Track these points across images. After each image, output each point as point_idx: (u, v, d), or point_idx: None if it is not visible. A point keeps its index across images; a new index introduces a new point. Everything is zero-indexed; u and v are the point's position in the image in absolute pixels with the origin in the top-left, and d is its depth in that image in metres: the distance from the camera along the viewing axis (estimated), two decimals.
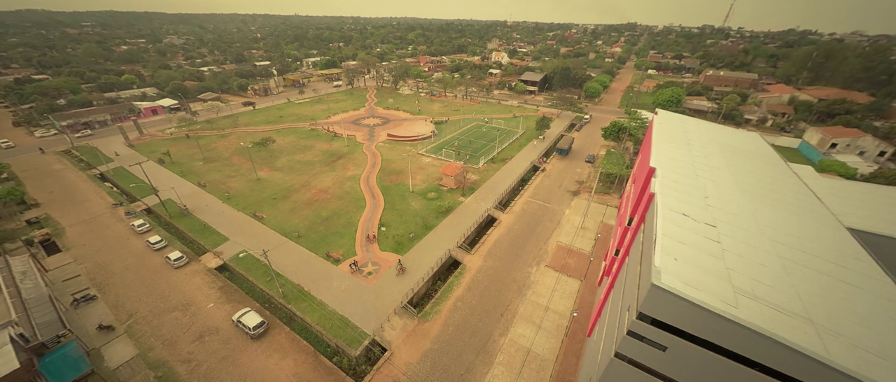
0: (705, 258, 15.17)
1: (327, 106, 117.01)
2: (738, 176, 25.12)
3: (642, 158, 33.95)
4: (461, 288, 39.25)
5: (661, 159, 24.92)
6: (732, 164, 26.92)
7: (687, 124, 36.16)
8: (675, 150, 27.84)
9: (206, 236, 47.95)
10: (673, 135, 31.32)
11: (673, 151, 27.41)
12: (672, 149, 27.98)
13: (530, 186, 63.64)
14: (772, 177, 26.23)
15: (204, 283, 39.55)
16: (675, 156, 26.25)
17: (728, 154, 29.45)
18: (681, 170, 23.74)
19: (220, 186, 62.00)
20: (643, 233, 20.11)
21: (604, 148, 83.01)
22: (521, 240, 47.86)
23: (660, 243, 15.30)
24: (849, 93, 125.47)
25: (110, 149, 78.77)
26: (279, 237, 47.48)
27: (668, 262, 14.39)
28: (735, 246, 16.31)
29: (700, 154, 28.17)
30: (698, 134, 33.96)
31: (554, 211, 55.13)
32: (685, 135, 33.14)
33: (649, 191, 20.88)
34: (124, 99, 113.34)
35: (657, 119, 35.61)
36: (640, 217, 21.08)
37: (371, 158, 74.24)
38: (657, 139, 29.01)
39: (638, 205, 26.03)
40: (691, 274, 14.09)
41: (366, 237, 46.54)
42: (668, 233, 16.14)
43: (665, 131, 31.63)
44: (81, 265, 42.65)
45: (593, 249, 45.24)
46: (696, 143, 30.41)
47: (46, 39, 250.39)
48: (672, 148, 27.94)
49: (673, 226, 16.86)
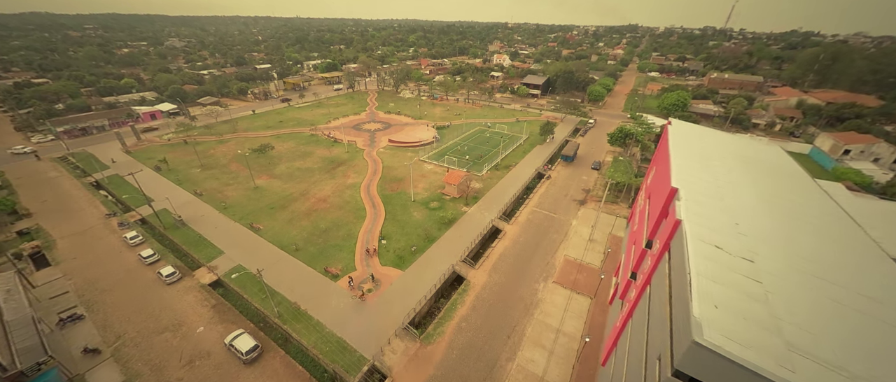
0: (748, 303, 13.39)
1: (327, 110, 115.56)
2: (765, 195, 23.30)
3: (657, 170, 32.17)
4: (465, 306, 37.45)
5: (683, 178, 23.11)
6: (757, 182, 25.11)
7: (703, 135, 34.36)
8: (696, 167, 26.04)
9: (201, 249, 46.31)
10: (690, 148, 29.51)
11: (693, 168, 25.61)
12: (692, 164, 26.18)
13: (535, 195, 61.85)
14: (800, 196, 24.42)
15: (196, 301, 37.87)
16: (697, 173, 24.46)
17: (751, 169, 27.63)
18: (705, 191, 21.94)
19: (217, 195, 60.43)
20: (668, 264, 18.34)
21: (610, 154, 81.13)
22: (527, 254, 46.05)
23: (695, 285, 13.53)
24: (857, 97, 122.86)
25: (107, 156, 77.41)
26: (276, 250, 45.79)
27: (707, 311, 12.62)
28: (778, 287, 14.53)
29: (721, 170, 26.35)
30: (717, 146, 32.14)
31: (560, 222, 53.31)
32: (703, 147, 31.34)
33: (673, 215, 19.08)
34: (123, 103, 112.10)
35: (672, 129, 33.81)
36: (663, 244, 19.30)
37: (372, 165, 72.59)
38: (675, 153, 27.20)
39: (657, 227, 24.25)
40: (735, 326, 12.33)
41: (366, 250, 44.79)
42: (702, 272, 14.37)
43: (682, 143, 29.82)
44: (71, 280, 41.05)
45: (603, 264, 43.38)
46: (715, 157, 28.59)
47: (49, 42, 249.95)
48: (692, 163, 26.14)
49: (707, 263, 15.08)
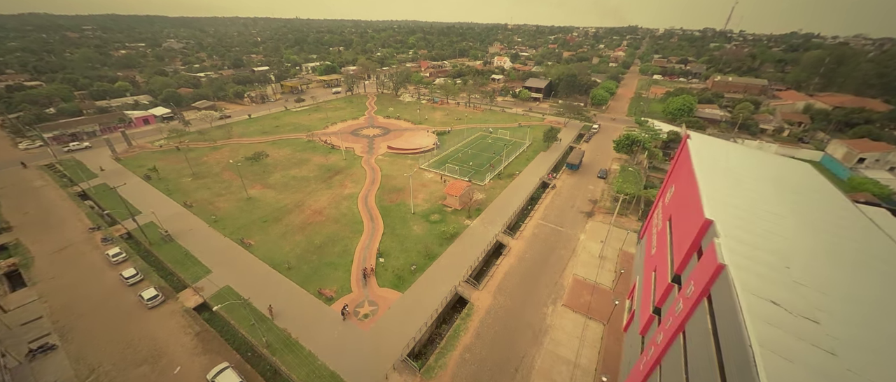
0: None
1: (325, 114, 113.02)
2: (810, 228, 20.77)
3: (678, 189, 29.60)
4: (469, 333, 34.82)
5: (716, 206, 20.55)
6: (798, 211, 22.57)
7: (727, 151, 31.82)
8: (727, 191, 23.48)
9: (188, 267, 43.64)
10: (716, 167, 26.95)
11: (725, 193, 23.06)
12: (722, 188, 23.63)
13: (540, 206, 59.27)
14: (847, 228, 21.90)
15: (179, 328, 35.20)
16: (730, 200, 21.92)
17: (787, 194, 25.10)
18: (744, 224, 19.40)
19: (207, 206, 57.78)
20: (711, 317, 15.79)
21: (616, 161, 78.62)
22: (533, 272, 43.45)
23: (762, 365, 11.00)
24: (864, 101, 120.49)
25: (96, 163, 74.77)
26: (267, 269, 43.11)
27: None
28: (856, 360, 12.04)
29: (756, 196, 23.80)
30: (745, 165, 29.60)
31: (568, 237, 50.73)
32: (730, 166, 28.81)
33: (713, 257, 16.50)
34: (115, 107, 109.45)
35: (692, 145, 31.24)
36: (701, 289, 16.74)
37: (370, 173, 69.99)
38: (701, 174, 24.65)
39: (686, 261, 21.66)
40: None
41: (362, 270, 42.11)
42: (766, 342, 11.85)
43: (706, 162, 27.26)
44: (46, 303, 38.38)
45: (615, 284, 40.76)
46: (746, 179, 26.05)
47: (46, 43, 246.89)
48: (722, 187, 23.60)
49: (767, 328, 12.54)
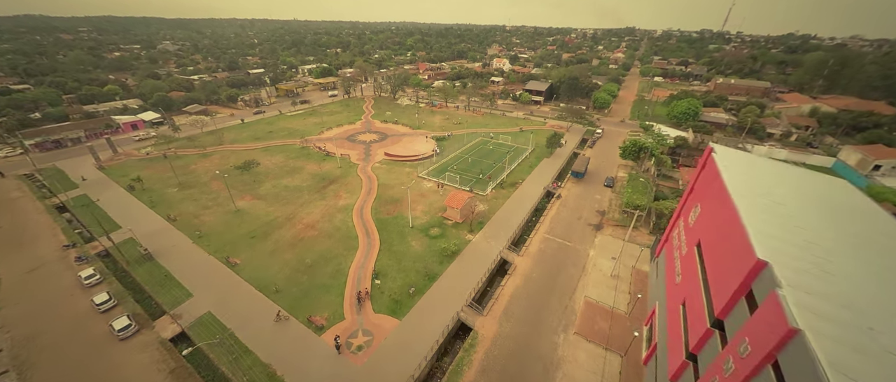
0: None
1: (321, 119, 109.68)
2: (878, 268, 17.74)
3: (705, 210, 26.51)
4: (473, 368, 31.57)
5: (769, 244, 17.46)
6: (858, 245, 19.54)
7: (758, 167, 28.77)
8: (777, 224, 20.36)
9: (167, 291, 40.23)
10: (754, 191, 23.88)
11: (775, 226, 19.94)
12: (770, 220, 20.54)
13: (546, 218, 56.13)
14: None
15: (152, 363, 31.79)
16: (781, 234, 18.85)
17: (837, 219, 22.09)
18: (805, 267, 16.33)
19: (192, 220, 54.35)
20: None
21: (622, 168, 75.67)
22: (541, 294, 40.26)
23: None
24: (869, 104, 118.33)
25: (79, 172, 71.22)
26: (252, 292, 39.74)
27: None
28: None
29: (806, 225, 20.73)
30: (782, 184, 26.55)
31: (577, 253, 47.59)
32: (767, 187, 25.75)
33: (780, 316, 13.39)
34: (103, 112, 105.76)
35: (719, 160, 28.17)
36: (764, 354, 13.65)
37: (366, 183, 66.70)
38: (739, 199, 21.60)
39: (731, 304, 18.49)
40: None
41: (357, 293, 38.80)
42: None
43: (741, 184, 24.20)
44: (8, 333, 34.88)
45: (631, 309, 37.61)
46: (790, 205, 22.97)
47: (39, 45, 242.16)
48: (769, 217, 20.51)
49: None
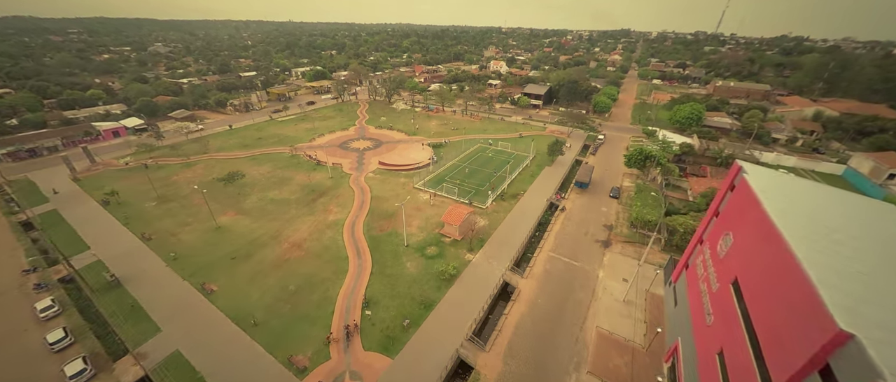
0: None
1: (313, 124, 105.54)
2: None
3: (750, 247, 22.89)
4: None
5: (846, 304, 13.94)
6: None
7: (801, 195, 25.32)
8: (837, 266, 16.91)
9: (133, 323, 36.06)
10: (809, 230, 20.31)
11: (834, 269, 16.52)
12: (830, 263, 17.07)
13: (550, 234, 52.54)
14: None
15: None
16: (860, 292, 15.32)
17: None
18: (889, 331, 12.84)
19: (169, 239, 50.15)
20: None
21: (627, 177, 72.39)
22: (549, 324, 36.59)
23: None
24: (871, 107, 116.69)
25: (51, 184, 66.65)
26: (228, 325, 35.68)
27: None
28: None
29: (863, 264, 17.36)
30: (829, 213, 23.14)
31: (585, 274, 44.01)
32: (814, 215, 22.32)
33: None
34: (83, 118, 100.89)
35: (755, 183, 24.67)
36: None
37: (358, 195, 62.79)
38: (795, 242, 18.09)
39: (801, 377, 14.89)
40: None
41: (345, 327, 34.85)
42: None
43: (790, 218, 20.70)
44: None
45: (649, 343, 34.01)
46: (843, 240, 19.52)
47: (26, 47, 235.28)
48: (834, 264, 17.00)
49: None
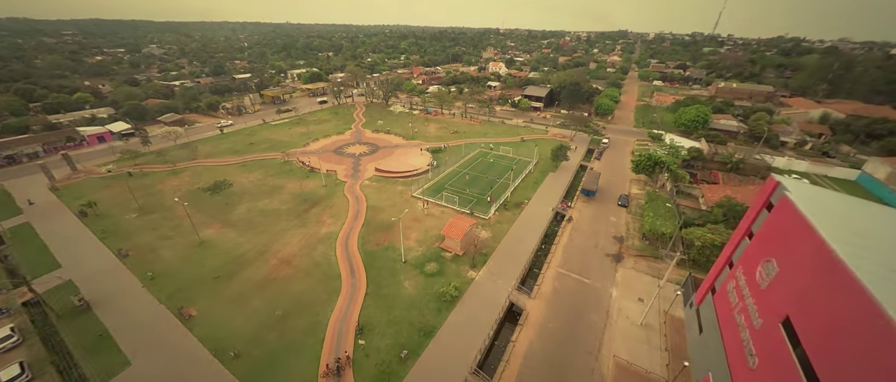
0: None
1: (307, 128, 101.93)
2: None
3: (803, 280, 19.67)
4: None
5: None
6: None
7: (857, 216, 22.17)
8: None
9: (99, 355, 32.45)
10: (874, 257, 17.20)
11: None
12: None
13: (558, 247, 49.20)
14: None
15: None
16: None
17: None
18: None
19: (147, 255, 46.49)
20: None
21: (635, 183, 69.27)
22: (561, 352, 33.22)
23: None
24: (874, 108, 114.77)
25: (27, 194, 62.79)
26: (206, 357, 32.10)
27: None
28: None
29: None
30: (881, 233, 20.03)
31: (597, 292, 40.69)
32: (876, 243, 19.12)
33: None
34: (68, 123, 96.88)
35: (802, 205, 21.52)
36: None
37: (353, 205, 59.30)
38: (874, 285, 14.89)
39: None
40: None
41: (336, 360, 31.29)
42: None
43: (854, 248, 17.55)
44: None
45: (673, 377, 30.65)
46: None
47: (18, 49, 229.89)
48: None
49: None
